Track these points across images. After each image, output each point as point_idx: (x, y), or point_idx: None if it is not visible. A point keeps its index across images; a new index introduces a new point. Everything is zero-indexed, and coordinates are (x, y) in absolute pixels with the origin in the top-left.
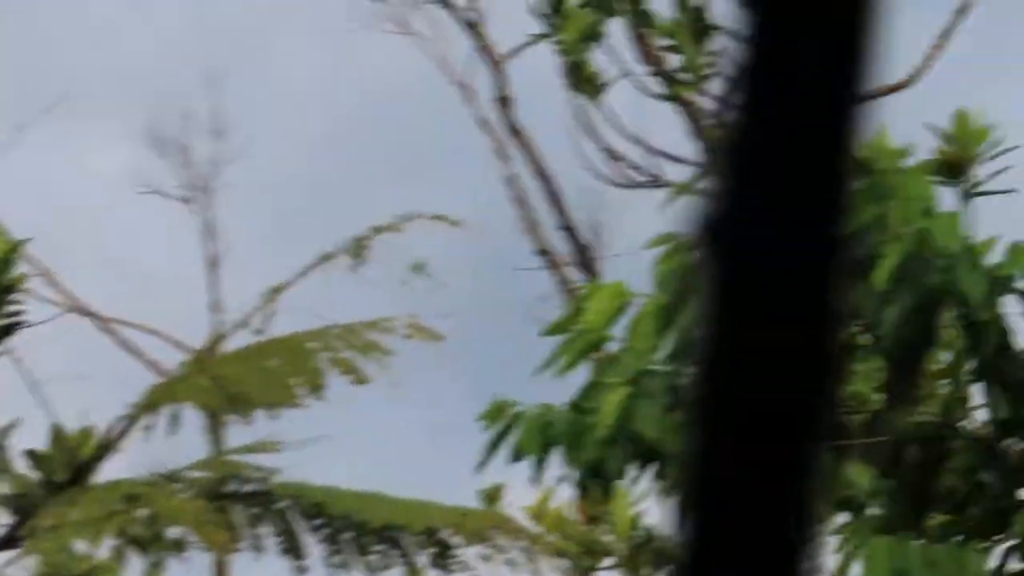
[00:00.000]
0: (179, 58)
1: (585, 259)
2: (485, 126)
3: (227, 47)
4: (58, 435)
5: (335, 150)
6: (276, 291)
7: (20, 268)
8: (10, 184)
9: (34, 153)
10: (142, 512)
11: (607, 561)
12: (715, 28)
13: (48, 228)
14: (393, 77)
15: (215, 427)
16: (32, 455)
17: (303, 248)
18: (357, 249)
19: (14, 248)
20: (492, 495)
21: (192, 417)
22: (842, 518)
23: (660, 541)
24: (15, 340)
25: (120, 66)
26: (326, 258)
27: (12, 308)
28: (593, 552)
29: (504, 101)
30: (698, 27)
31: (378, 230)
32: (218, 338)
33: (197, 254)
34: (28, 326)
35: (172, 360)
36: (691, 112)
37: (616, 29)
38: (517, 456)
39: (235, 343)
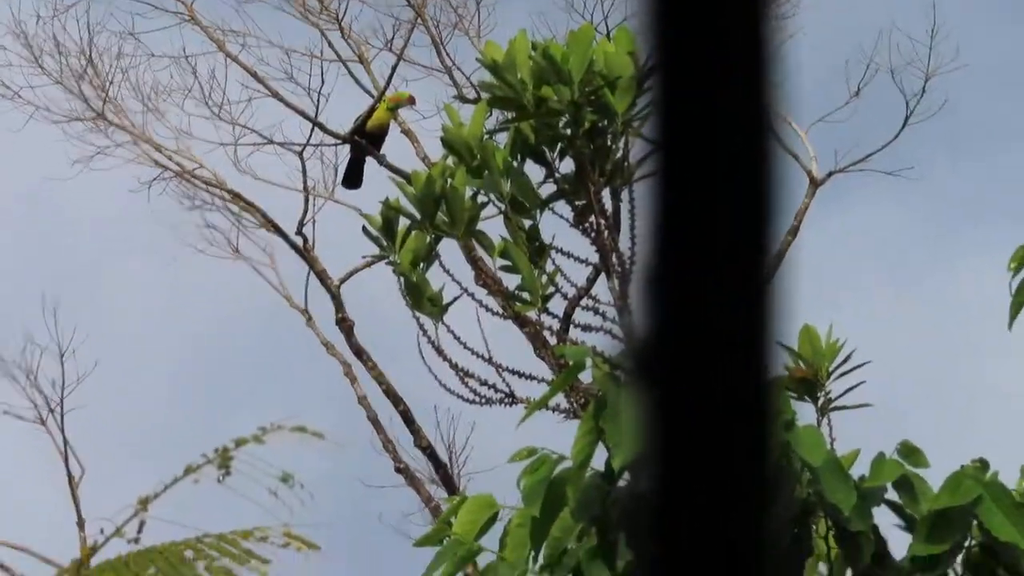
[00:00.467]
0: (14, 283)
1: (445, 476)
2: (330, 349)
3: (61, 272)
4: None
5: (182, 371)
6: (145, 502)
7: None
8: None
9: None
10: None
11: None
12: (549, 247)
13: None
14: (230, 300)
15: None
16: None
17: (162, 465)
18: (222, 460)
19: None
20: None
21: None
22: None
23: None
24: None
25: None
26: (191, 469)
27: None
28: None
29: (344, 323)
30: (533, 247)
31: (241, 442)
32: (93, 549)
33: (55, 473)
34: None
35: None
36: (533, 330)
37: (451, 249)
38: None
39: (108, 554)
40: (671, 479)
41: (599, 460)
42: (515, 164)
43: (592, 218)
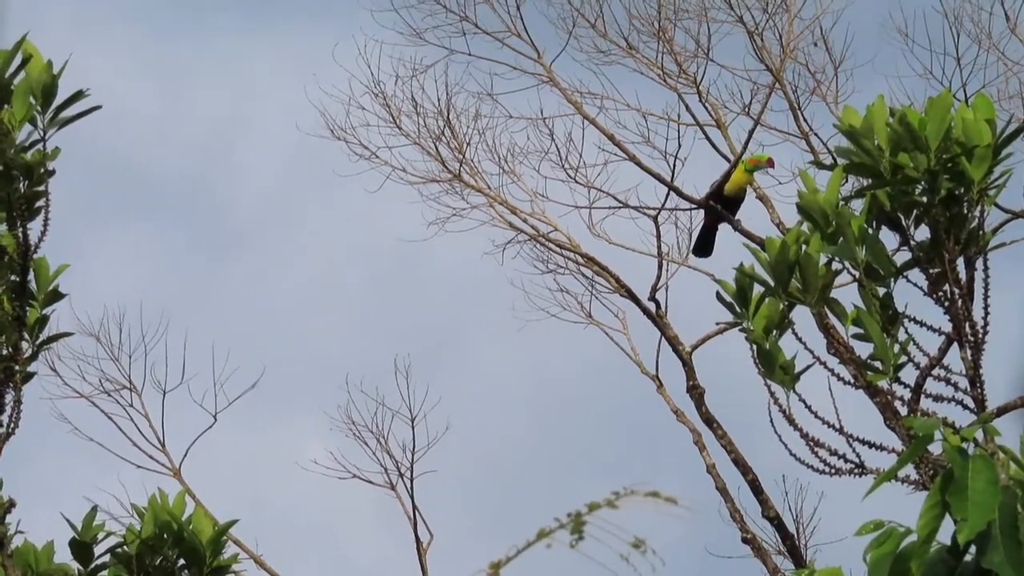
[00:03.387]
0: (368, 344)
1: (792, 547)
2: (680, 416)
3: (414, 333)
4: None
5: (533, 434)
6: (496, 566)
7: (229, 550)
8: (210, 468)
9: (230, 437)
10: None
11: None
12: (902, 316)
13: (249, 512)
14: (582, 365)
15: None
16: None
17: (512, 529)
18: (575, 525)
19: (222, 531)
20: None
21: None
22: None
23: None
24: None
25: (310, 353)
26: (544, 533)
27: None
28: None
29: (695, 391)
30: (886, 315)
31: (594, 506)
32: None
33: (402, 537)
34: None
35: None
36: (883, 399)
37: (804, 316)
38: None
39: None
40: None
41: (945, 534)
42: (870, 231)
43: (946, 287)
